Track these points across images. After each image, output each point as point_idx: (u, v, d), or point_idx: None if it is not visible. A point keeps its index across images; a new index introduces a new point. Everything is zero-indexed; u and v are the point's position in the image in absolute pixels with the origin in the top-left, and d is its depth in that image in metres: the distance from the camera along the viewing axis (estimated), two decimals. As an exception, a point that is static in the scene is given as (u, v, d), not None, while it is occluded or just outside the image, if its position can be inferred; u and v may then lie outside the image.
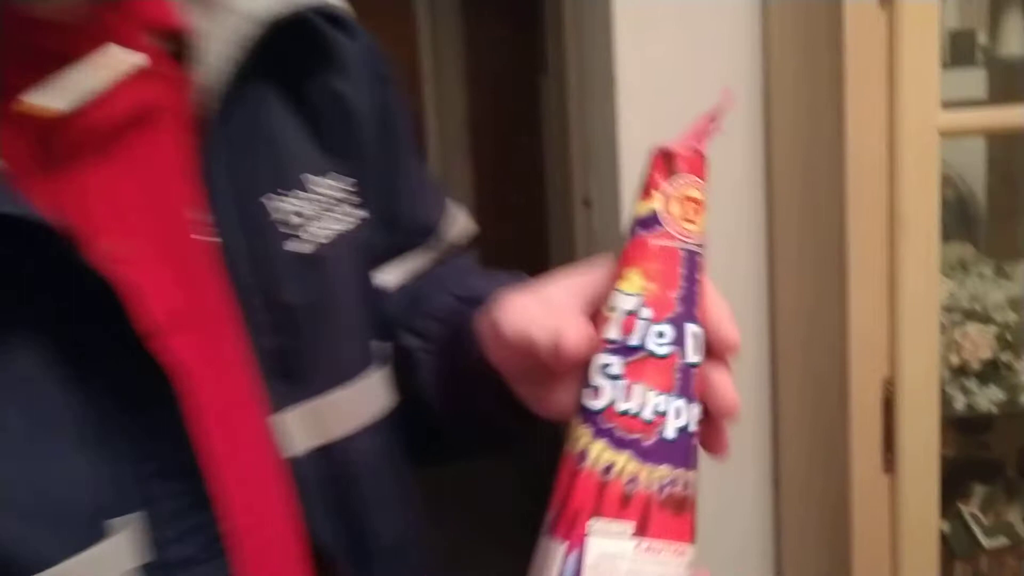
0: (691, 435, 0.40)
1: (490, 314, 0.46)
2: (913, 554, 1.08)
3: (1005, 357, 1.11)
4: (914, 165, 0.98)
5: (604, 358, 0.41)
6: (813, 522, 1.26)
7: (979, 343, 1.09)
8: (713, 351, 0.42)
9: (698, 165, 0.43)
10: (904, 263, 1.00)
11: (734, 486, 1.34)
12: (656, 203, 0.42)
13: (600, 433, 0.40)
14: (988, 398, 1.11)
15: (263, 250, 0.48)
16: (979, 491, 1.25)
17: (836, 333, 1.06)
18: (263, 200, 0.48)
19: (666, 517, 0.39)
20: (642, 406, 0.40)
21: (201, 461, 0.42)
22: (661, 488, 0.39)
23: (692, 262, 0.42)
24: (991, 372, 1.11)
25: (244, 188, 0.48)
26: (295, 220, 0.49)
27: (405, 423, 0.57)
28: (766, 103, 1.25)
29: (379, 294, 0.58)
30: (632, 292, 0.41)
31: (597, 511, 0.39)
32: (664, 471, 0.39)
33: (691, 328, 0.41)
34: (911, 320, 1.01)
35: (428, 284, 0.59)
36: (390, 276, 0.60)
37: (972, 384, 1.11)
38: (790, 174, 1.22)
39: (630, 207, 0.43)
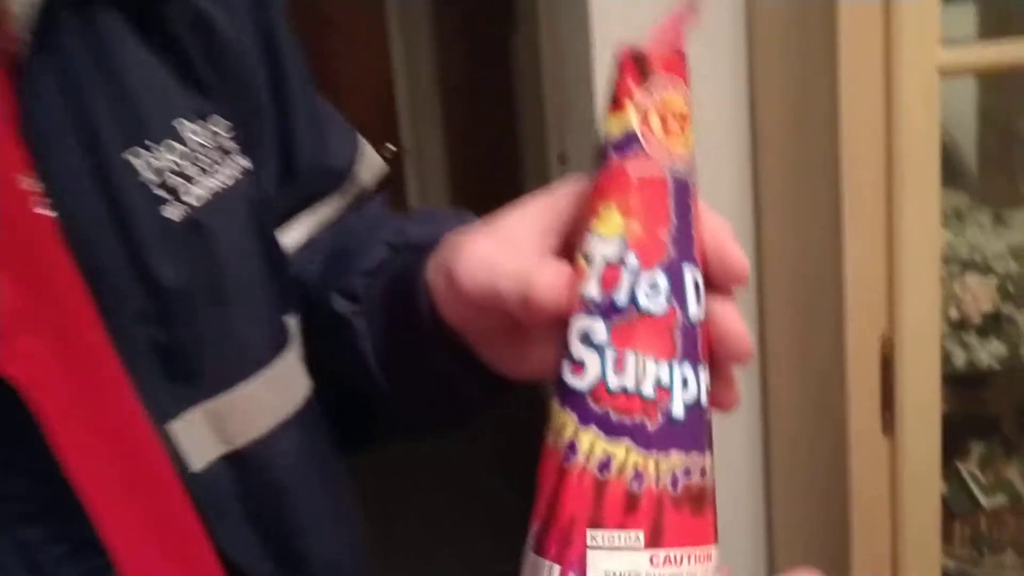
0: (703, 409, 0.32)
1: (442, 264, 0.38)
2: (913, 516, 1.03)
3: (1007, 309, 1.05)
4: (913, 106, 0.92)
5: (584, 322, 0.32)
6: (807, 486, 1.21)
7: (979, 295, 1.04)
8: (716, 283, 0.34)
9: (677, 65, 0.33)
10: (903, 213, 0.94)
11: (722, 449, 1.29)
12: (631, 118, 0.33)
13: (589, 419, 0.31)
14: (989, 353, 1.06)
15: (129, 221, 0.38)
16: (977, 448, 1.20)
17: (831, 290, 1.01)
18: (127, 157, 0.39)
19: (684, 518, 0.31)
20: (640, 380, 0.31)
21: (73, 497, 0.34)
22: (674, 482, 0.31)
23: (683, 189, 0.33)
24: (992, 325, 1.06)
25: (96, 145, 0.38)
26: (170, 180, 0.40)
27: (339, 402, 0.48)
28: (751, 42, 1.19)
29: (288, 257, 0.50)
30: (611, 235, 0.32)
31: (596, 520, 0.31)
32: (676, 460, 0.31)
33: (690, 273, 0.33)
34: (911, 273, 0.95)
35: (352, 236, 0.50)
36: (298, 232, 0.51)
37: (972, 339, 1.06)
38: (779, 119, 1.16)
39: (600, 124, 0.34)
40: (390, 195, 0.58)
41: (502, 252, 0.36)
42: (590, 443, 0.31)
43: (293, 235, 0.52)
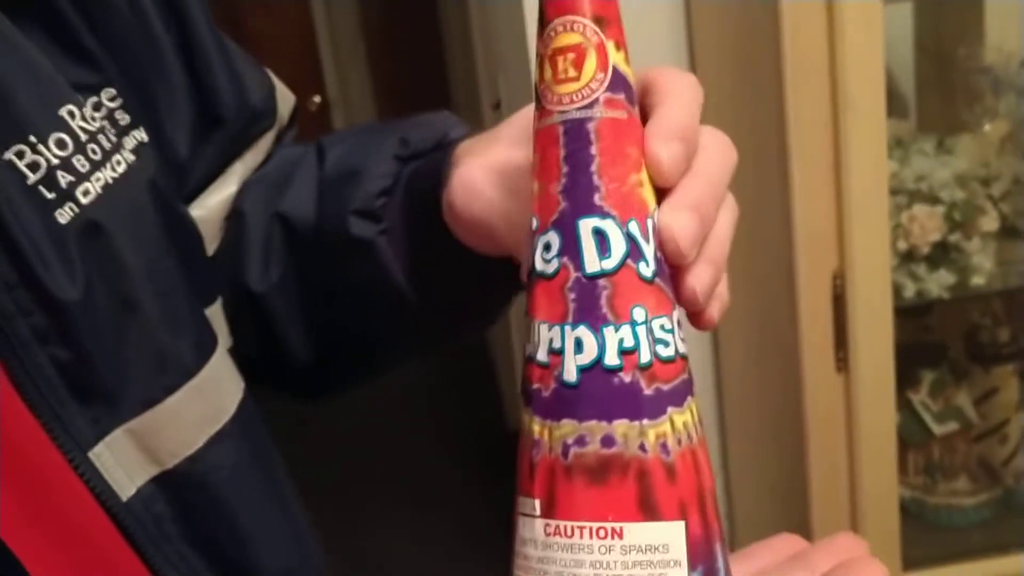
0: (612, 371, 0.29)
1: (448, 191, 0.39)
2: (869, 450, 1.03)
3: (953, 238, 1.04)
4: (856, 34, 0.89)
5: None
6: (762, 426, 1.20)
7: (927, 225, 1.02)
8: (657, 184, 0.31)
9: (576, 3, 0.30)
10: (850, 145, 0.92)
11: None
12: (533, 73, 0.31)
13: (521, 388, 0.31)
14: (938, 283, 1.05)
15: (16, 230, 0.34)
16: (927, 377, 1.21)
17: (780, 230, 0.98)
18: (9, 158, 0.34)
19: (577, 489, 0.29)
20: (536, 347, 0.30)
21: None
22: (564, 450, 0.29)
23: (578, 132, 0.30)
24: (940, 255, 1.05)
25: None
26: (60, 179, 0.35)
27: (357, 324, 0.48)
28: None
29: (202, 237, 0.46)
30: (529, 200, 0.32)
31: (519, 486, 0.31)
32: (567, 427, 0.29)
33: (588, 224, 0.29)
34: (860, 206, 0.93)
35: (346, 160, 0.47)
36: (234, 183, 0.49)
37: (921, 270, 1.05)
38: (719, 50, 1.12)
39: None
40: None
41: (501, 194, 0.37)
42: (520, 412, 0.31)
43: (229, 188, 0.48)
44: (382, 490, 2.36)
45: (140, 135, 0.41)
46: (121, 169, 0.38)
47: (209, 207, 0.48)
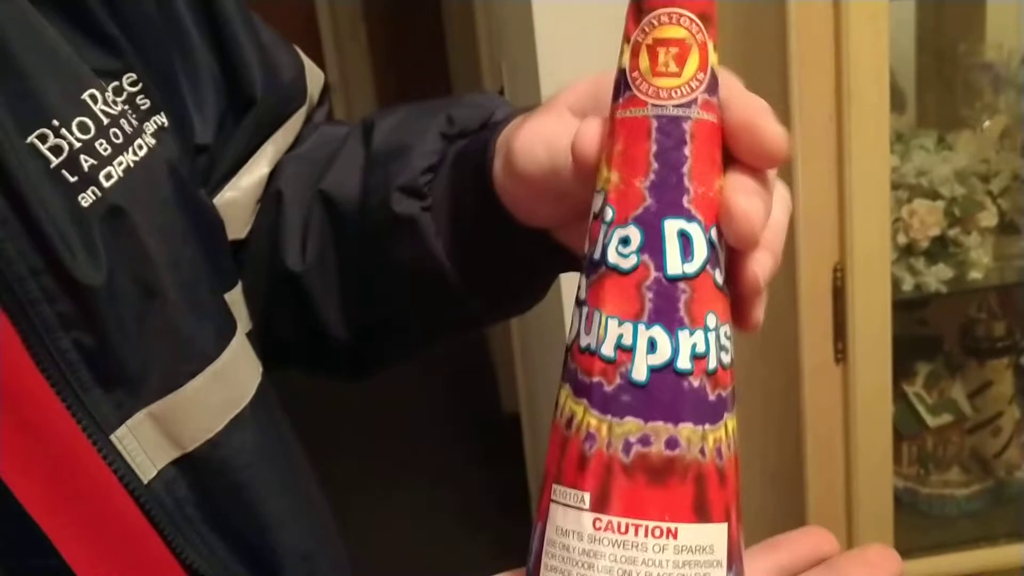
0: (683, 375, 0.29)
1: (502, 144, 0.38)
2: (865, 441, 1.05)
3: (952, 233, 1.06)
4: (862, 31, 0.90)
5: (580, 279, 0.31)
6: (758, 417, 1.22)
7: (927, 220, 1.03)
8: (744, 158, 0.30)
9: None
10: (852, 138, 0.93)
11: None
12: (624, 59, 0.30)
13: (566, 375, 0.31)
14: (936, 277, 1.06)
15: (41, 215, 0.34)
16: (922, 370, 1.22)
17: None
18: (32, 141, 0.35)
19: (636, 487, 0.29)
20: (600, 340, 0.30)
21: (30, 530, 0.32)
22: (627, 448, 0.29)
23: (674, 130, 0.30)
24: (939, 249, 1.06)
25: None
26: (83, 163, 0.36)
27: (404, 301, 0.47)
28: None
29: (222, 223, 0.46)
30: (600, 187, 0.31)
31: (559, 475, 0.30)
32: (631, 425, 0.29)
33: (674, 225, 0.29)
34: (861, 200, 0.94)
35: (393, 139, 0.47)
36: (265, 165, 0.48)
37: (920, 264, 1.06)
38: (728, 47, 1.13)
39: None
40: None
41: (562, 126, 0.35)
42: (564, 399, 0.31)
43: (262, 169, 0.48)
44: (378, 472, 2.38)
45: (161, 120, 0.41)
46: (142, 153, 0.38)
47: (243, 188, 0.48)
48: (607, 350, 0.30)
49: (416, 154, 0.44)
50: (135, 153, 0.38)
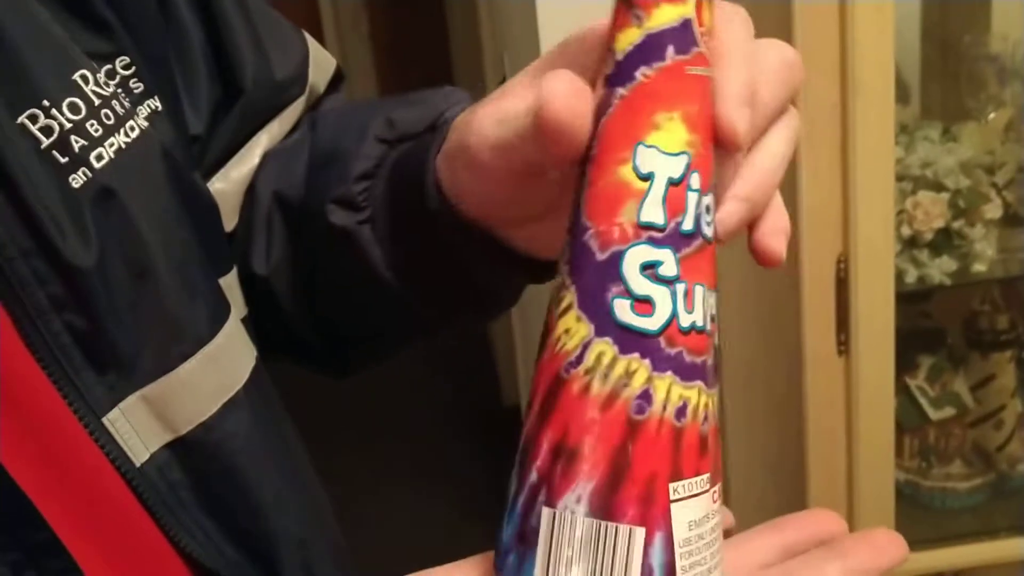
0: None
1: (453, 146, 0.36)
2: (867, 433, 1.05)
3: (957, 225, 1.05)
4: (867, 23, 0.90)
5: (645, 252, 0.28)
6: (760, 409, 1.22)
7: (931, 212, 1.03)
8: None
9: None
10: (857, 130, 0.93)
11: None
12: (688, 7, 0.29)
13: (663, 365, 0.28)
14: (940, 269, 1.06)
15: (32, 196, 0.34)
16: (925, 362, 1.22)
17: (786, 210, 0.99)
18: (23, 121, 0.34)
19: (714, 454, 0.30)
20: (705, 315, 0.29)
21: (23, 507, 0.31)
22: (705, 419, 0.29)
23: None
24: (943, 241, 1.05)
25: None
26: (73, 143, 0.35)
27: (345, 314, 0.46)
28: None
29: (217, 207, 0.45)
30: (676, 151, 0.29)
31: (676, 472, 0.28)
32: (716, 392, 0.30)
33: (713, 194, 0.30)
34: (866, 191, 0.94)
35: (334, 138, 0.46)
36: (257, 155, 0.47)
37: (924, 256, 1.06)
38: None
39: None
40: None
41: (513, 101, 0.33)
42: (666, 390, 0.28)
43: (252, 160, 0.47)
44: (378, 465, 2.38)
45: (154, 104, 0.40)
46: (134, 135, 0.38)
47: (232, 180, 0.47)
48: (708, 324, 0.29)
49: (352, 159, 0.43)
50: (127, 135, 0.37)
